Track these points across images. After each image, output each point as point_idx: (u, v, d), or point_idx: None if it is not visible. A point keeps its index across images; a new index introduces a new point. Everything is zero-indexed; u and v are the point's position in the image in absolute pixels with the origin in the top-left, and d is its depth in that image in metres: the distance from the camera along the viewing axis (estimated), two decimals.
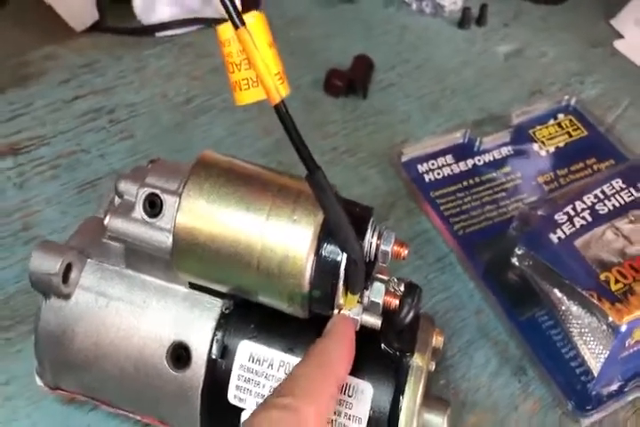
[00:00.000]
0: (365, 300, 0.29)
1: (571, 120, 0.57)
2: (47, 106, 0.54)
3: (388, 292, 0.30)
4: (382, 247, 0.28)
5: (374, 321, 0.28)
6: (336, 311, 0.28)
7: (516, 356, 0.43)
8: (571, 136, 0.56)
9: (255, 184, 0.27)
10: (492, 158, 0.53)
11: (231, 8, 0.23)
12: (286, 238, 0.26)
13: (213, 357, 0.30)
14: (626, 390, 0.41)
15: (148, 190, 0.27)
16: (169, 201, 0.27)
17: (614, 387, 0.41)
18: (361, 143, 0.54)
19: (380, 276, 0.31)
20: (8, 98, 0.54)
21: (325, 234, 0.26)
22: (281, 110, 0.23)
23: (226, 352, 0.30)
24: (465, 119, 0.56)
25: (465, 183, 0.51)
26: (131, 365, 0.31)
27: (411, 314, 0.30)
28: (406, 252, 0.29)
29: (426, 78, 0.60)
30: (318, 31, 0.62)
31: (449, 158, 0.53)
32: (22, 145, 0.52)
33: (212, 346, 0.30)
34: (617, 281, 0.39)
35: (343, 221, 0.25)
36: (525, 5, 0.68)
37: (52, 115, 0.53)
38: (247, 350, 0.30)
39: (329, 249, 0.26)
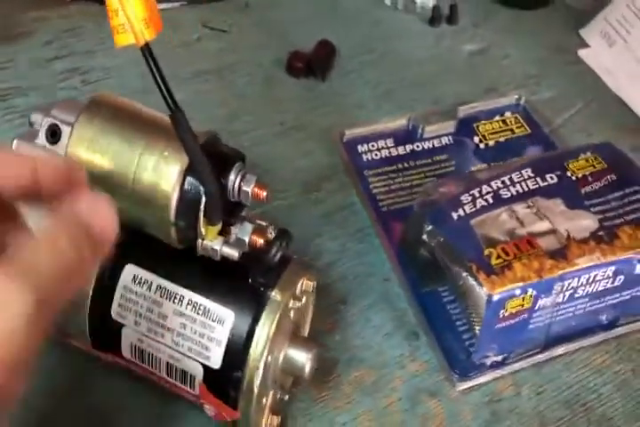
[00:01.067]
0: (232, 236, 0.33)
1: (516, 118, 0.60)
2: (29, 62, 0.59)
3: (258, 233, 0.34)
4: (243, 188, 0.32)
5: (232, 252, 0.32)
6: (199, 241, 0.32)
7: (411, 322, 0.47)
8: (513, 133, 0.59)
9: (138, 123, 0.31)
10: (431, 146, 0.57)
11: None
12: (157, 172, 0.30)
13: (101, 277, 0.34)
14: (507, 362, 0.45)
15: (49, 120, 0.31)
16: (65, 131, 0.31)
17: (497, 359, 0.45)
18: (311, 121, 0.58)
19: (257, 221, 0.35)
20: None
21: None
22: (144, 52, 0.26)
23: (112, 274, 0.34)
24: (416, 109, 0.60)
25: (400, 166, 0.55)
26: None
27: (278, 255, 0.34)
28: (265, 193, 0.32)
29: (387, 69, 0.63)
30: (292, 15, 0.67)
31: (389, 142, 0.57)
32: (6, 93, 0.57)
33: (100, 268, 0.34)
34: (498, 257, 0.42)
35: (199, 157, 0.29)
36: (498, 8, 0.72)
37: (33, 71, 0.59)
38: (130, 273, 0.34)
39: (192, 184, 0.30)
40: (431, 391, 0.44)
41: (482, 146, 0.58)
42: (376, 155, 0.56)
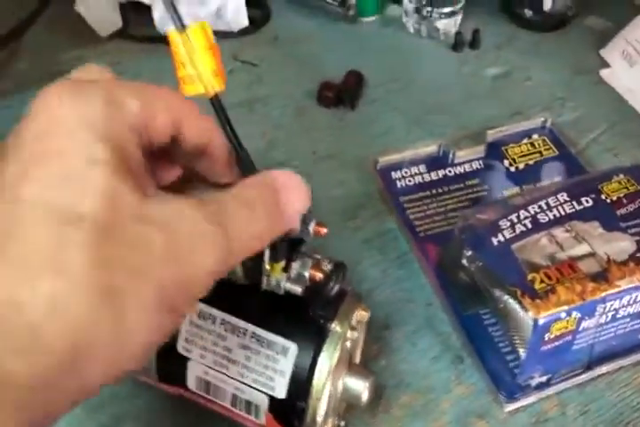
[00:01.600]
0: (293, 271, 0.34)
1: (544, 140, 0.61)
2: None
3: (315, 267, 0.35)
4: (304, 226, 0.33)
5: (295, 288, 0.33)
6: (264, 277, 0.33)
7: (456, 346, 0.48)
8: (542, 155, 0.60)
9: None
10: (462, 171, 0.58)
11: (175, 16, 0.28)
12: None
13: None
14: (552, 382, 0.46)
15: None
16: None
17: (542, 379, 0.45)
18: (343, 150, 0.59)
19: (314, 255, 0.36)
20: (36, 93, 0.61)
21: None
22: (214, 103, 0.28)
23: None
24: (444, 135, 0.61)
25: (434, 191, 0.56)
26: None
27: (335, 287, 0.35)
28: (325, 230, 0.33)
29: (413, 95, 0.65)
30: (320, 48, 0.69)
31: (422, 168, 0.58)
32: None
33: None
34: (542, 281, 0.43)
35: None
36: (519, 31, 0.73)
37: None
38: (197, 310, 0.36)
39: None
40: (479, 414, 0.45)
41: (512, 169, 0.59)
42: (409, 181, 0.57)
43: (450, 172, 0.58)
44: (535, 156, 0.60)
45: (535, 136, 0.61)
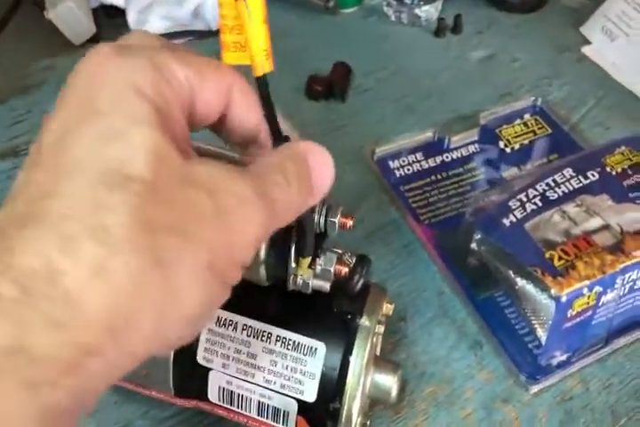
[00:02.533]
0: (318, 268, 0.33)
1: (536, 120, 0.61)
2: (45, 113, 0.59)
3: (339, 261, 0.34)
4: (330, 218, 0.32)
5: (323, 284, 0.32)
6: (290, 276, 0.32)
7: (473, 332, 0.47)
8: (535, 134, 0.60)
9: None
10: (459, 155, 0.57)
11: None
12: None
13: None
14: (573, 360, 0.45)
15: None
16: None
17: (563, 358, 0.45)
18: (338, 142, 0.58)
19: (335, 249, 0.35)
20: (10, 105, 0.60)
21: None
22: (261, 83, 0.25)
23: None
24: (437, 120, 0.61)
25: (433, 178, 0.56)
26: None
27: (360, 281, 0.34)
28: (351, 222, 0.32)
29: (401, 83, 0.64)
30: (302, 41, 0.67)
31: (419, 155, 0.57)
32: (22, 148, 0.57)
33: None
34: (560, 258, 0.42)
35: None
36: (499, 14, 0.73)
37: None
38: (214, 316, 0.34)
39: None
40: (504, 398, 0.44)
41: (508, 150, 0.58)
42: (408, 169, 0.56)
43: (447, 157, 0.57)
44: (529, 135, 0.60)
45: (527, 116, 0.61)
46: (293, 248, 0.31)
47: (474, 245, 0.48)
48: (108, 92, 0.21)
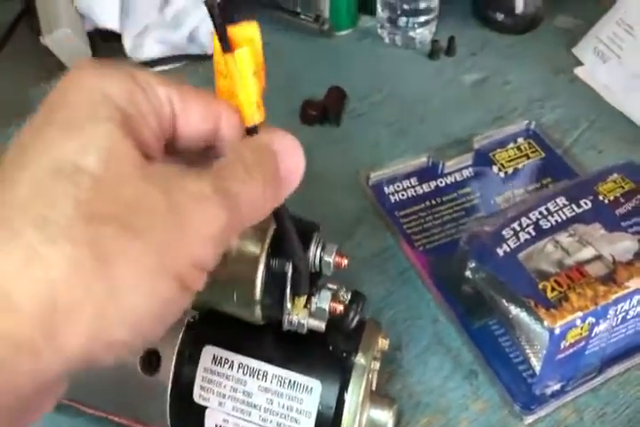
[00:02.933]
0: (313, 306, 0.33)
1: (529, 143, 0.61)
2: None
3: (334, 299, 0.34)
4: (325, 258, 0.32)
5: (318, 324, 0.32)
6: (286, 316, 0.32)
7: (468, 361, 0.47)
8: (529, 158, 0.60)
9: None
10: (453, 180, 0.58)
11: (222, 33, 0.24)
12: (240, 251, 0.30)
13: (180, 361, 0.34)
14: (567, 389, 0.45)
15: None
16: None
17: (557, 387, 0.45)
18: (332, 168, 0.58)
19: (329, 285, 0.35)
20: (9, 133, 0.59)
21: (273, 248, 0.31)
22: (251, 132, 0.26)
23: (191, 357, 0.34)
24: (431, 144, 0.61)
25: (427, 203, 0.56)
26: (108, 370, 0.35)
27: (355, 319, 0.34)
28: (346, 262, 0.33)
29: (395, 107, 0.64)
30: (297, 65, 0.68)
31: (413, 181, 0.57)
32: None
33: (178, 352, 0.34)
34: (553, 289, 0.43)
35: (291, 233, 0.29)
36: (493, 35, 0.73)
37: None
38: (209, 354, 0.34)
39: (277, 262, 0.31)
40: None
41: (502, 174, 0.59)
42: (403, 195, 0.56)
43: (441, 182, 0.58)
44: (522, 159, 0.60)
45: (520, 140, 0.61)
46: (289, 289, 0.31)
47: (468, 273, 0.48)
48: (78, 97, 0.22)
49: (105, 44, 0.65)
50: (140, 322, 0.20)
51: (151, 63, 0.64)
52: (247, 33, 0.24)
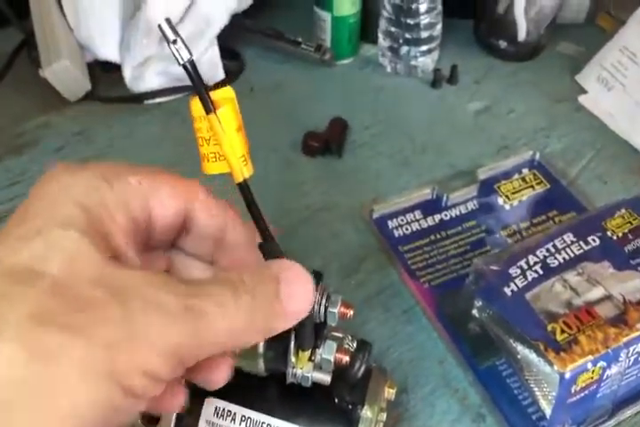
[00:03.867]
0: (318, 357, 0.32)
1: (534, 174, 0.60)
2: (41, 173, 0.58)
3: (339, 349, 0.33)
4: (330, 309, 0.31)
5: (323, 377, 0.31)
6: (290, 369, 0.31)
7: (475, 403, 0.46)
8: (534, 189, 0.59)
9: None
10: (458, 213, 0.57)
11: (206, 97, 0.24)
12: None
13: (181, 413, 0.33)
14: None
15: None
16: None
17: None
18: (335, 200, 0.58)
19: (334, 333, 0.34)
20: (6, 165, 0.59)
21: None
22: (243, 188, 0.26)
23: (193, 409, 0.33)
24: (434, 175, 0.60)
25: (432, 237, 0.55)
26: None
27: (361, 369, 0.33)
28: (352, 313, 0.31)
29: (398, 137, 0.64)
30: (298, 95, 0.67)
31: (417, 214, 0.57)
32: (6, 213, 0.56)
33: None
34: (562, 331, 0.42)
35: None
36: (496, 62, 0.73)
37: None
38: (212, 406, 0.33)
39: None
40: None
41: (507, 207, 0.58)
42: (407, 229, 0.56)
43: (445, 215, 0.57)
44: (528, 191, 0.59)
45: (525, 171, 0.61)
46: (293, 342, 0.30)
47: (475, 312, 0.47)
48: (45, 201, 0.23)
49: (105, 74, 0.65)
50: (81, 425, 0.20)
51: (151, 94, 0.64)
52: (225, 94, 0.25)
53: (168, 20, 0.24)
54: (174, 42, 0.24)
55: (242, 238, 0.28)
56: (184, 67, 0.24)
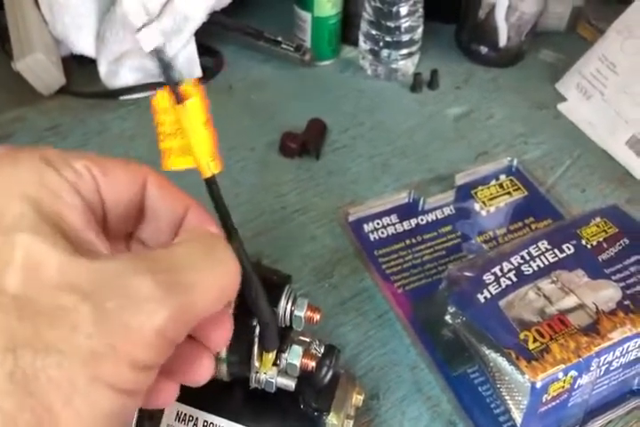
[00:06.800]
0: (283, 362, 0.31)
1: (512, 180, 0.60)
2: None
3: (305, 354, 0.32)
4: (296, 313, 0.30)
5: (288, 383, 0.30)
6: (253, 374, 0.30)
7: (447, 410, 0.45)
8: (511, 196, 0.59)
9: None
10: (434, 218, 0.56)
11: (175, 89, 0.24)
12: None
13: (141, 417, 0.32)
14: None
15: None
16: None
17: None
18: (311, 203, 0.57)
19: (301, 338, 0.33)
20: None
21: (240, 302, 0.29)
22: (211, 184, 0.25)
23: (153, 413, 0.32)
24: (412, 180, 0.60)
25: (407, 242, 0.54)
26: None
27: (328, 375, 0.32)
28: (318, 317, 0.31)
29: (377, 140, 0.63)
30: (277, 95, 0.66)
31: (394, 218, 0.56)
32: None
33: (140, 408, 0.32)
34: (535, 340, 0.41)
35: (254, 285, 0.27)
36: (477, 68, 0.72)
37: None
38: (174, 411, 0.32)
39: (243, 317, 0.29)
40: None
41: (483, 213, 0.57)
42: (382, 233, 0.55)
43: (422, 220, 0.56)
44: (505, 197, 0.59)
45: (503, 177, 0.60)
46: (255, 347, 0.29)
47: (448, 318, 0.47)
48: None
49: (80, 69, 0.64)
50: None
51: (126, 90, 0.62)
52: (192, 89, 0.24)
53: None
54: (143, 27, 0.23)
55: (201, 221, 0.27)
56: (153, 53, 0.23)
